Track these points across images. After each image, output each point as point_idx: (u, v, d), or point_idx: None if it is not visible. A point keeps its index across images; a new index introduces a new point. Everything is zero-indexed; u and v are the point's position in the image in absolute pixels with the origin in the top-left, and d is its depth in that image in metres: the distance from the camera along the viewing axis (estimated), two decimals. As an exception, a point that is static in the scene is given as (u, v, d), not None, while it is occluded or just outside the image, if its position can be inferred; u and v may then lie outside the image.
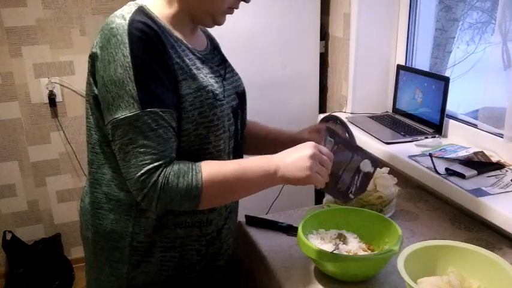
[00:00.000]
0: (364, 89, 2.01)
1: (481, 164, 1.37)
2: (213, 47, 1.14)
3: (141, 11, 0.93)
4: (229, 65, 1.15)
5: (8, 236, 2.46)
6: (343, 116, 1.93)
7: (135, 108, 0.86)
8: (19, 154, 2.46)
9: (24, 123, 2.42)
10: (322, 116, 2.00)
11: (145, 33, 0.88)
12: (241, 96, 1.13)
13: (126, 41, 0.86)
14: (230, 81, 1.10)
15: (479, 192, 1.23)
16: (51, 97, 2.40)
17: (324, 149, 0.96)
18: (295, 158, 0.93)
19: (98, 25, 2.39)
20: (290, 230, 1.29)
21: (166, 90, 0.89)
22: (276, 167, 0.93)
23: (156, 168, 0.87)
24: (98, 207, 1.03)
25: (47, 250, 2.47)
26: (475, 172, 1.33)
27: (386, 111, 2.01)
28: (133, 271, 1.03)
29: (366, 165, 1.04)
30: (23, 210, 2.54)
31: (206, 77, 0.98)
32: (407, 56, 1.95)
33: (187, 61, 0.96)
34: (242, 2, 1.01)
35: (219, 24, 1.02)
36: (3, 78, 2.33)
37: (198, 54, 1.02)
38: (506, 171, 1.35)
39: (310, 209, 1.25)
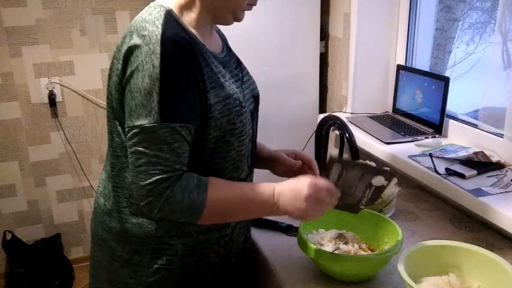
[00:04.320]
0: (364, 89, 2.01)
1: (481, 164, 1.37)
2: (228, 48, 1.13)
3: (171, 17, 0.93)
4: (245, 67, 1.15)
5: (8, 236, 2.46)
6: (343, 116, 1.93)
7: (155, 119, 0.87)
8: (19, 154, 2.46)
9: (24, 123, 2.42)
10: (322, 116, 2.01)
11: (178, 46, 0.88)
12: (256, 99, 1.14)
13: (158, 51, 0.87)
14: (248, 85, 1.10)
15: (479, 192, 1.23)
16: (51, 97, 2.39)
17: (322, 184, 0.95)
18: (293, 198, 0.95)
19: (98, 25, 2.40)
20: (290, 230, 1.29)
21: (189, 106, 0.90)
22: (277, 202, 0.96)
23: (165, 180, 0.89)
24: (119, 210, 1.02)
25: (47, 250, 2.47)
26: (475, 172, 1.33)
27: (386, 111, 2.02)
28: (154, 275, 1.02)
29: (378, 180, 1.04)
30: (23, 210, 2.54)
31: (231, 84, 0.99)
32: (407, 56, 1.95)
33: (215, 69, 0.97)
34: None
35: (239, 20, 1.02)
36: (3, 78, 2.33)
37: (220, 59, 1.02)
38: (506, 171, 1.35)
39: (310, 209, 1.25)
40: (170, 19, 0.92)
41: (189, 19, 0.97)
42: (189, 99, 0.90)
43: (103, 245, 1.07)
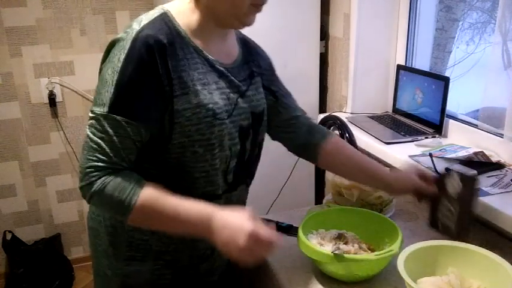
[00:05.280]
0: (364, 89, 2.01)
1: (481, 164, 1.37)
2: (245, 60, 1.09)
3: (161, 19, 0.94)
4: (256, 82, 1.10)
5: (8, 236, 2.46)
6: (343, 116, 1.93)
7: (104, 109, 0.90)
8: (19, 154, 2.45)
9: (24, 123, 2.42)
10: (322, 116, 2.01)
11: (147, 46, 0.89)
12: (257, 116, 1.08)
13: (127, 47, 0.89)
14: (248, 100, 1.05)
15: (479, 192, 1.23)
16: (51, 97, 2.40)
17: (264, 231, 0.87)
18: (233, 229, 0.86)
19: (98, 25, 2.40)
20: (290, 230, 1.29)
21: (144, 106, 0.90)
22: (211, 225, 0.88)
23: (99, 169, 0.90)
24: None
25: (47, 250, 2.47)
26: (475, 172, 1.32)
27: (386, 111, 2.01)
28: (128, 268, 1.05)
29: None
30: (23, 210, 2.54)
31: (212, 93, 0.96)
32: (407, 56, 1.95)
33: (195, 75, 0.94)
34: None
35: (247, 24, 0.98)
36: (3, 78, 2.33)
37: (217, 67, 0.99)
38: (507, 171, 1.35)
39: (311, 209, 1.26)
40: (159, 20, 0.93)
41: (188, 23, 0.96)
42: (145, 99, 0.90)
43: (90, 233, 1.12)
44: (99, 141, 0.90)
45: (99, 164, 0.90)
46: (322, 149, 1.19)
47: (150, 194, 0.90)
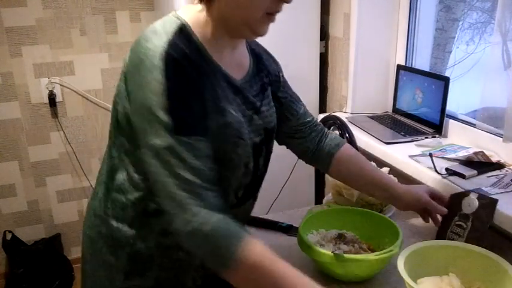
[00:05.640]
0: (364, 89, 2.01)
1: (481, 164, 1.37)
2: (257, 69, 1.04)
3: (182, 31, 0.87)
4: (268, 95, 1.05)
5: (8, 236, 2.46)
6: (343, 116, 1.93)
7: (167, 136, 0.81)
8: (19, 154, 2.45)
9: (24, 123, 2.42)
10: (322, 116, 2.00)
11: (181, 61, 0.84)
12: (269, 132, 1.04)
13: (161, 66, 0.81)
14: (263, 116, 1.01)
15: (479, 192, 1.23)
16: (51, 97, 2.40)
17: None
18: None
19: (98, 25, 2.40)
20: (290, 230, 1.29)
21: (199, 119, 0.85)
22: None
23: (192, 202, 0.80)
24: (105, 212, 1.01)
25: (47, 250, 2.47)
26: (475, 172, 1.33)
27: (386, 111, 2.01)
28: (128, 281, 1.00)
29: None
30: (23, 210, 2.54)
31: (236, 111, 0.92)
32: (407, 56, 1.95)
33: (220, 92, 0.90)
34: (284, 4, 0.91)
35: (260, 34, 0.92)
36: (3, 78, 2.33)
37: (233, 83, 0.95)
38: (507, 171, 1.35)
39: (311, 209, 1.26)
40: (181, 35, 0.87)
41: (204, 36, 0.91)
42: (198, 113, 0.85)
43: (87, 241, 1.07)
44: (178, 171, 0.80)
45: (190, 195, 0.80)
46: (334, 158, 1.17)
47: (256, 257, 0.79)
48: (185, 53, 0.85)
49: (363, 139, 1.72)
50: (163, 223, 0.96)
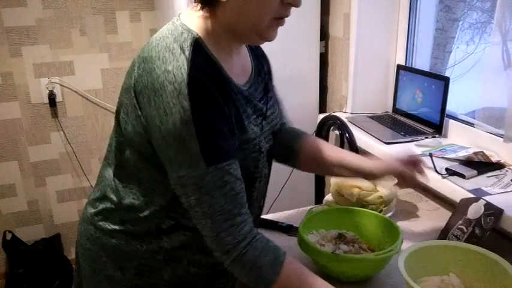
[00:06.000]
0: (364, 89, 2.01)
1: (481, 164, 1.37)
2: (258, 71, 1.00)
3: (197, 46, 0.82)
4: (271, 97, 1.02)
5: (8, 236, 2.46)
6: (343, 116, 1.93)
7: (200, 166, 0.78)
8: (19, 154, 2.45)
9: (24, 123, 2.42)
10: (322, 116, 2.01)
11: (206, 84, 0.79)
12: (275, 135, 1.02)
13: (186, 92, 0.77)
14: (270, 120, 0.99)
15: (479, 192, 1.23)
16: (51, 97, 2.40)
17: None
18: None
19: (98, 25, 2.40)
20: (290, 230, 1.29)
21: (228, 141, 0.82)
22: None
23: (246, 234, 0.82)
24: (110, 226, 0.98)
25: (47, 250, 2.47)
26: (475, 172, 1.33)
27: (386, 111, 2.01)
28: None
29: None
30: (23, 210, 2.54)
31: (253, 125, 0.90)
32: (407, 56, 1.95)
33: (240, 109, 0.88)
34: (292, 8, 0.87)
35: (268, 39, 0.88)
36: (3, 78, 2.33)
37: (244, 93, 0.91)
38: (507, 171, 1.35)
39: (311, 209, 1.26)
40: (198, 51, 0.82)
41: (214, 45, 0.86)
42: (227, 135, 0.82)
43: (86, 254, 1.02)
44: (214, 201, 0.79)
45: (244, 229, 0.81)
46: (299, 150, 1.12)
47: (293, 269, 0.84)
48: (208, 73, 0.80)
49: (363, 139, 1.72)
50: (175, 240, 0.94)
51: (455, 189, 1.27)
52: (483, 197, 1.18)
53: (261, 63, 1.03)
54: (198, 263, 0.97)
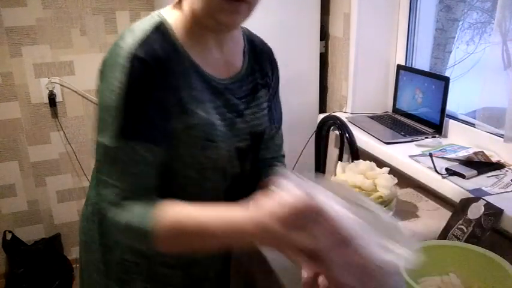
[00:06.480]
0: (364, 89, 2.01)
1: (481, 164, 1.37)
2: (251, 70, 0.99)
3: (159, 29, 0.85)
4: (260, 97, 1.00)
5: (8, 236, 2.46)
6: (343, 116, 1.93)
7: (113, 137, 0.81)
8: (19, 154, 2.45)
9: (24, 123, 2.42)
10: (322, 116, 2.01)
11: (147, 65, 0.81)
12: (257, 136, 0.99)
13: (127, 65, 0.80)
14: (248, 119, 0.96)
15: (479, 192, 1.23)
16: (51, 97, 2.39)
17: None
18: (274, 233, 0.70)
19: (98, 25, 2.40)
20: (290, 230, 1.29)
21: (152, 126, 0.83)
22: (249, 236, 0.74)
23: (117, 201, 0.82)
24: (100, 219, 1.01)
25: (47, 250, 2.47)
26: (475, 172, 1.33)
27: (386, 111, 2.02)
28: (122, 285, 1.01)
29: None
30: (23, 210, 2.54)
31: (209, 113, 0.89)
32: (407, 56, 1.95)
33: (193, 93, 0.87)
34: None
35: (224, 24, 0.86)
36: (3, 78, 2.33)
37: (214, 84, 0.91)
38: (507, 171, 1.35)
39: (310, 209, 1.25)
40: (156, 33, 0.85)
41: (183, 33, 0.88)
42: (153, 119, 0.83)
43: (81, 246, 1.08)
44: (112, 172, 0.82)
45: (116, 197, 0.82)
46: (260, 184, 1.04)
47: (170, 218, 0.79)
48: (155, 53, 0.82)
49: (362, 139, 1.72)
50: None
51: (455, 189, 1.27)
52: (483, 197, 1.18)
53: (262, 67, 1.03)
54: (167, 264, 0.99)
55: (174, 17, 0.89)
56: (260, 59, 1.04)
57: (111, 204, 0.82)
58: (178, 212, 0.80)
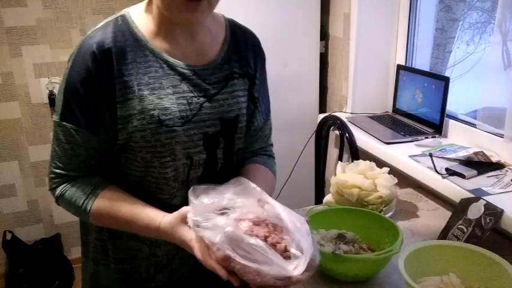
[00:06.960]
0: (364, 89, 2.01)
1: (481, 164, 1.37)
2: (227, 59, 1.00)
3: (115, 22, 0.94)
4: (233, 85, 1.00)
5: (8, 236, 2.46)
6: (343, 116, 1.94)
7: (57, 116, 0.93)
8: (19, 154, 2.45)
9: (24, 123, 2.42)
10: (322, 116, 2.01)
11: (90, 53, 0.89)
12: (228, 123, 0.99)
13: (73, 55, 0.92)
14: (217, 105, 0.97)
15: (479, 192, 1.23)
16: (51, 97, 2.39)
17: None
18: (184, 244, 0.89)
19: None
20: (290, 230, 1.29)
21: (90, 114, 0.91)
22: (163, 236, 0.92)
23: (58, 175, 0.95)
24: None
25: (47, 250, 2.47)
26: (475, 172, 1.33)
27: (386, 111, 2.02)
28: (95, 268, 1.07)
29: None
30: (23, 210, 2.54)
31: (162, 98, 0.91)
32: (407, 56, 1.95)
33: (145, 79, 0.91)
34: None
35: (184, 18, 0.90)
36: (3, 78, 2.33)
37: (180, 69, 0.94)
38: (506, 171, 1.35)
39: (311, 209, 1.26)
40: (112, 24, 0.93)
41: (147, 25, 0.94)
42: (89, 107, 0.90)
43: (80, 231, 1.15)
44: (56, 148, 0.94)
45: (57, 170, 0.95)
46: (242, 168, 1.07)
47: (103, 203, 0.93)
48: (104, 43, 0.90)
49: (362, 139, 1.73)
50: None
51: (455, 189, 1.27)
52: (483, 197, 1.18)
53: (242, 56, 1.03)
54: (136, 237, 1.01)
55: (140, 12, 0.96)
56: (241, 49, 1.04)
57: (57, 176, 0.95)
58: (110, 199, 0.94)
